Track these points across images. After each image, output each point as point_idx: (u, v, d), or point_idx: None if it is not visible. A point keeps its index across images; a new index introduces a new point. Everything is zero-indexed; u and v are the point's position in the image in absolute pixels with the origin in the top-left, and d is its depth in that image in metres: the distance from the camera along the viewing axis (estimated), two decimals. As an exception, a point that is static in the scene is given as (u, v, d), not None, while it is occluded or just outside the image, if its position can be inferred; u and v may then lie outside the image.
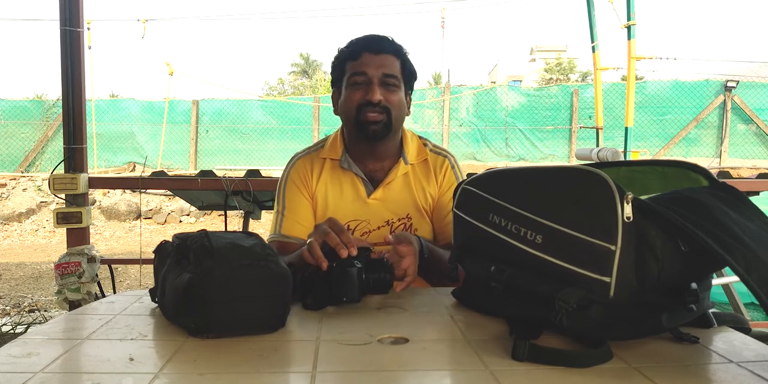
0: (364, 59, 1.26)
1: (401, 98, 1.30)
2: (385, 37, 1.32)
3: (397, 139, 1.37)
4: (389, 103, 1.26)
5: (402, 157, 1.35)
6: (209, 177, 2.51)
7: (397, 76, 1.28)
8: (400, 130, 1.36)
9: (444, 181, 1.37)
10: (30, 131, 11.13)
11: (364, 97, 1.25)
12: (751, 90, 10.79)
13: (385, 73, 1.26)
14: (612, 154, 3.82)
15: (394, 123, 1.28)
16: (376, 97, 1.24)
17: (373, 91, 1.24)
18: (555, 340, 0.75)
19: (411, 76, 1.33)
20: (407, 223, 1.33)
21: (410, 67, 1.32)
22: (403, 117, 1.32)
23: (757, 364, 0.68)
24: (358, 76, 1.26)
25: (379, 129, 1.26)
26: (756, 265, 0.64)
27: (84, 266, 2.45)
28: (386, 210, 1.33)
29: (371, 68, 1.25)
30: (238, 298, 0.78)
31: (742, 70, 13.41)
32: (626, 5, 6.21)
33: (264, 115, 11.82)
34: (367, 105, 1.25)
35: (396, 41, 1.33)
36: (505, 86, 13.46)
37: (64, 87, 2.48)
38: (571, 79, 24.87)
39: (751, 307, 2.86)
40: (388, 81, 1.26)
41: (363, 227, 1.33)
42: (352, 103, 1.27)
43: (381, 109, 1.25)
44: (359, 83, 1.27)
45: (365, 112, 1.25)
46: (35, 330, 0.82)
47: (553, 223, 0.73)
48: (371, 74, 1.25)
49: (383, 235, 1.31)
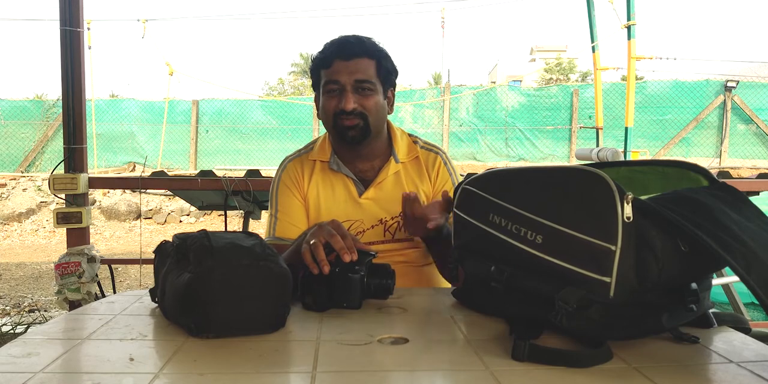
0: (336, 67, 1.26)
1: (377, 101, 1.28)
2: (357, 38, 1.30)
3: (383, 139, 1.37)
4: (365, 109, 1.26)
5: (392, 156, 1.36)
6: (209, 177, 2.51)
7: (371, 80, 1.27)
8: (383, 130, 1.35)
9: (438, 178, 1.37)
10: (30, 131, 11.13)
11: (338, 106, 1.26)
12: (751, 90, 10.80)
13: (357, 79, 1.25)
14: (612, 154, 3.82)
15: (372, 127, 1.28)
16: (349, 106, 1.24)
17: (346, 99, 1.24)
18: (555, 340, 0.75)
19: (389, 74, 1.31)
20: (401, 221, 1.33)
21: (387, 65, 1.30)
22: (382, 118, 1.32)
23: (757, 364, 0.68)
24: (332, 84, 1.26)
25: (357, 134, 1.27)
26: (756, 265, 0.64)
27: (84, 266, 2.45)
28: (379, 209, 1.33)
29: (343, 75, 1.25)
30: (238, 298, 0.78)
31: (742, 70, 13.42)
32: (626, 5, 6.22)
33: (264, 115, 11.82)
34: (341, 113, 1.25)
35: (370, 40, 1.30)
36: (505, 86, 13.46)
37: (64, 87, 2.48)
38: (571, 79, 24.87)
39: (751, 307, 2.86)
40: (362, 86, 1.26)
41: (357, 227, 1.33)
42: (329, 111, 1.28)
43: (356, 115, 1.26)
44: (333, 90, 1.27)
45: (341, 120, 1.26)
46: (35, 330, 0.82)
47: (554, 223, 0.74)
48: (343, 82, 1.25)
49: (377, 233, 1.33)
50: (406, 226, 1.23)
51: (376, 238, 1.33)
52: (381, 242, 1.32)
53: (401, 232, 1.33)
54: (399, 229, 1.33)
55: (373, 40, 1.31)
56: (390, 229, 1.33)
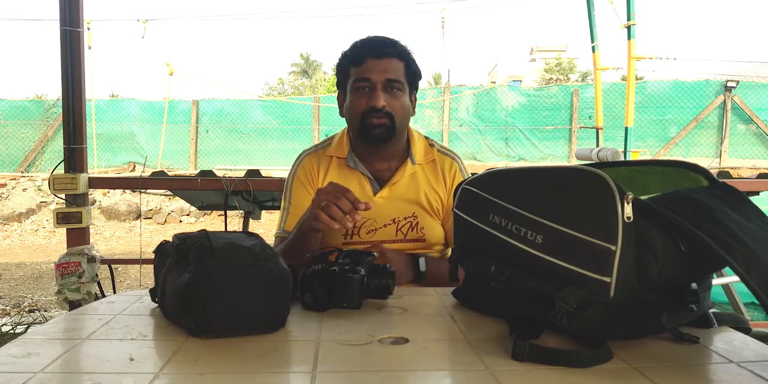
0: (368, 65, 1.27)
1: (405, 102, 1.31)
2: (388, 39, 1.32)
3: (403, 140, 1.38)
4: (392, 109, 1.28)
5: (409, 158, 1.37)
6: (209, 177, 2.51)
7: (401, 81, 1.29)
8: (405, 131, 1.37)
9: (453, 184, 1.38)
10: (30, 131, 11.13)
11: (368, 104, 1.27)
12: (751, 90, 10.80)
13: (388, 79, 1.27)
14: (612, 154, 3.81)
15: (398, 127, 1.30)
16: (380, 104, 1.26)
17: (377, 97, 1.26)
18: (555, 340, 0.75)
19: (415, 77, 1.34)
20: (413, 221, 1.34)
21: (414, 67, 1.33)
22: (407, 120, 1.34)
23: (757, 364, 0.68)
24: (362, 81, 1.28)
25: (384, 132, 1.28)
26: (756, 265, 0.64)
27: (84, 266, 2.45)
28: (392, 208, 1.34)
29: (374, 74, 1.27)
30: (238, 298, 0.78)
31: (742, 70, 13.42)
32: (626, 5, 6.22)
33: (264, 115, 11.82)
34: (371, 111, 1.26)
35: (400, 42, 1.33)
36: (505, 86, 13.47)
37: (64, 87, 2.48)
38: (571, 79, 24.88)
39: (751, 307, 2.86)
40: (392, 85, 1.28)
41: (369, 225, 1.33)
42: (357, 109, 1.29)
43: (384, 114, 1.27)
44: (363, 88, 1.28)
45: (370, 118, 1.27)
46: (35, 330, 0.82)
47: (554, 223, 0.73)
48: (374, 80, 1.27)
49: (389, 233, 1.33)
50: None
51: (387, 237, 1.33)
52: (392, 241, 1.33)
53: (413, 232, 1.34)
54: (411, 229, 1.34)
55: (401, 43, 1.33)
56: (402, 229, 1.34)
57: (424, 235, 1.34)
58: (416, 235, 1.33)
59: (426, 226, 1.35)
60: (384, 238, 1.33)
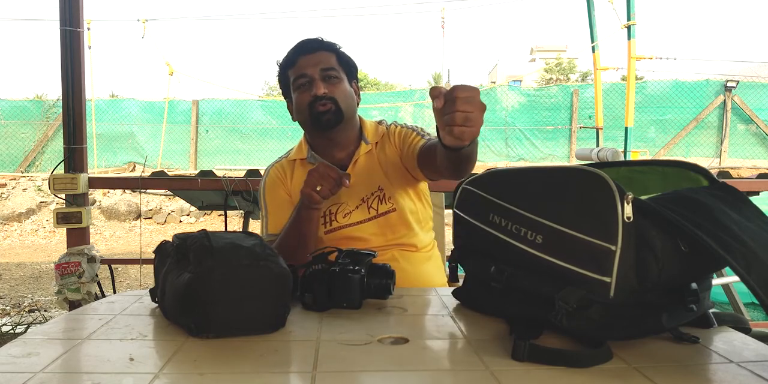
0: (301, 62, 1.36)
1: (345, 87, 1.38)
2: (314, 37, 1.41)
3: (355, 128, 1.44)
4: (334, 94, 1.35)
5: (362, 140, 1.43)
6: (209, 177, 2.51)
7: (335, 68, 1.37)
8: (355, 118, 1.43)
9: (398, 139, 1.43)
10: (30, 131, 11.12)
11: (310, 95, 1.34)
12: (751, 90, 10.79)
13: (322, 69, 1.35)
14: (612, 154, 3.82)
15: (344, 110, 1.36)
16: (320, 91, 1.33)
17: (317, 86, 1.33)
18: (555, 340, 0.75)
19: (349, 66, 1.41)
20: (380, 194, 1.39)
21: (346, 58, 1.41)
22: (352, 104, 1.40)
23: (757, 364, 0.68)
24: (300, 78, 1.36)
25: (333, 118, 1.35)
26: (756, 265, 0.64)
27: (84, 266, 2.45)
28: (360, 187, 1.39)
29: (309, 68, 1.35)
30: (238, 298, 0.78)
31: (742, 70, 13.42)
32: (626, 5, 6.23)
33: (264, 115, 11.80)
34: (315, 100, 1.33)
35: (325, 39, 1.41)
36: (505, 86, 13.46)
37: (64, 87, 2.48)
38: (571, 79, 24.86)
39: (751, 307, 2.86)
40: (328, 74, 1.35)
41: (343, 209, 1.39)
42: (303, 103, 1.36)
43: (328, 100, 1.34)
44: (303, 85, 1.36)
45: (316, 106, 1.34)
46: (35, 330, 0.82)
47: (554, 223, 0.74)
48: (310, 73, 1.34)
49: (363, 213, 1.39)
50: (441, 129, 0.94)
51: (362, 217, 1.38)
52: (367, 220, 1.38)
53: (383, 204, 1.38)
54: (381, 201, 1.39)
55: (327, 39, 1.43)
56: (372, 204, 1.39)
57: (393, 204, 1.38)
58: (387, 207, 1.38)
59: (393, 194, 1.39)
60: (359, 219, 1.38)
